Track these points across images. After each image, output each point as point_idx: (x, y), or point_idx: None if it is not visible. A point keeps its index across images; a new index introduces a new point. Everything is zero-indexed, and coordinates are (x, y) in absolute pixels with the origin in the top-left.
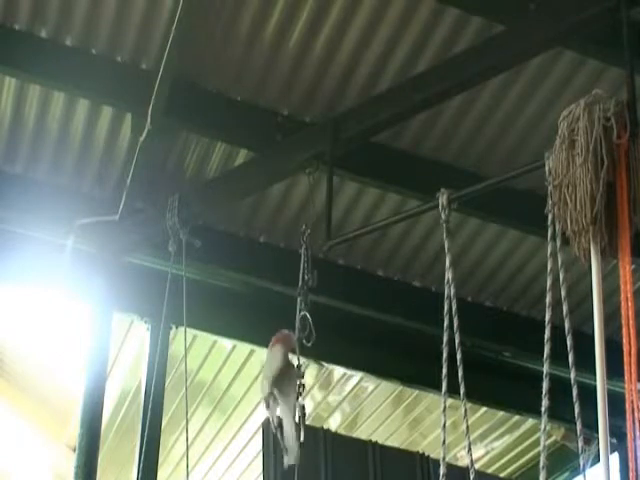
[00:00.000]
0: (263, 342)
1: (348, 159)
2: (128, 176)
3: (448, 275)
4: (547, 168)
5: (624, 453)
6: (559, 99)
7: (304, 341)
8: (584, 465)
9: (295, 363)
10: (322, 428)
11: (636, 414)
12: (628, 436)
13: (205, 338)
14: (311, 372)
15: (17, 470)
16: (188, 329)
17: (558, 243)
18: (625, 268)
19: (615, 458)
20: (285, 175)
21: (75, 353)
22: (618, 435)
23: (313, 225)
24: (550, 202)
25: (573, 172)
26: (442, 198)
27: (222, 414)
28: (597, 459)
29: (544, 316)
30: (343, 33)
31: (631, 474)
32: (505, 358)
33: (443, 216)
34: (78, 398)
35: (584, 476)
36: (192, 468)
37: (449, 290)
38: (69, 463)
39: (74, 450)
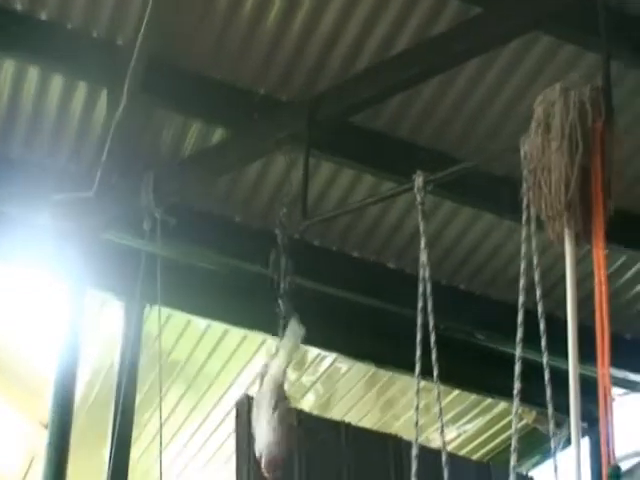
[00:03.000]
0: (237, 322)
1: (324, 139)
2: (103, 153)
3: (423, 257)
4: (522, 152)
5: (595, 437)
6: (535, 83)
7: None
8: (555, 448)
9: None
10: (295, 408)
11: (608, 398)
12: (600, 420)
13: (179, 317)
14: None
15: None
16: (162, 308)
17: (532, 227)
18: (599, 253)
19: (586, 442)
20: (261, 154)
21: (48, 330)
22: (589, 419)
23: (289, 205)
24: (525, 186)
25: (548, 156)
26: (418, 180)
27: (196, 393)
28: (568, 443)
29: (517, 300)
30: (321, 13)
31: (604, 458)
32: (478, 341)
33: (419, 198)
34: (51, 375)
35: (555, 459)
36: (165, 446)
37: (424, 272)
38: (42, 440)
39: (46, 427)
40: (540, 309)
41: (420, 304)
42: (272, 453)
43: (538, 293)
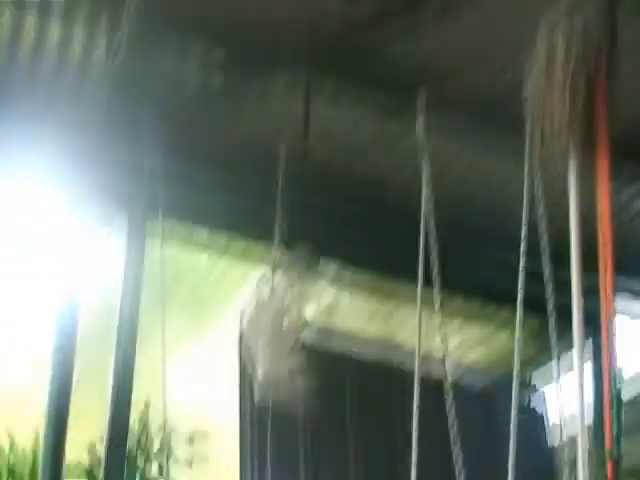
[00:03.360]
0: (239, 234)
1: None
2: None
3: (425, 172)
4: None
5: (597, 341)
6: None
7: None
8: (558, 354)
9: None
10: (298, 340)
11: (610, 309)
12: (603, 330)
13: (182, 228)
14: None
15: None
16: (164, 221)
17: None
18: (601, 167)
19: (589, 346)
20: (262, 76)
21: (50, 248)
22: (592, 327)
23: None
24: (528, 105)
25: (552, 79)
26: (420, 99)
27: (198, 305)
28: (570, 349)
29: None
30: None
31: (605, 366)
32: (481, 252)
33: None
34: (56, 287)
35: (557, 366)
36: (169, 356)
37: (426, 186)
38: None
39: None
40: (542, 226)
41: (423, 208)
42: (275, 372)
43: (540, 210)
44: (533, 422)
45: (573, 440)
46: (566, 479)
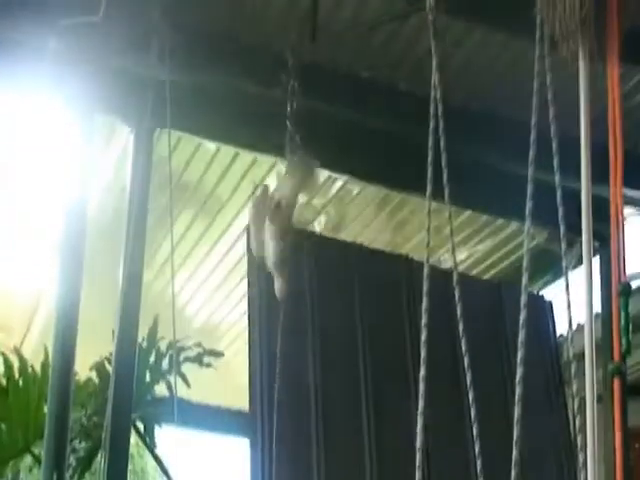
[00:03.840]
0: (247, 145)
1: None
2: None
3: (434, 78)
4: None
5: (606, 256)
6: None
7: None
8: (566, 267)
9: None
10: (307, 230)
11: (620, 217)
12: (612, 238)
13: (189, 141)
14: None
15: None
16: (172, 132)
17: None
18: (613, 70)
19: (597, 261)
20: None
21: (57, 160)
22: (601, 238)
23: (298, 26)
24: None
25: None
26: None
27: (207, 217)
28: (579, 262)
29: (530, 120)
30: None
31: (614, 276)
32: (490, 162)
33: (431, 17)
34: (61, 204)
35: (566, 278)
36: (177, 269)
37: (435, 93)
38: (53, 268)
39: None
40: (553, 129)
41: (432, 125)
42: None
43: (551, 113)
44: (542, 331)
45: (581, 354)
46: (573, 374)
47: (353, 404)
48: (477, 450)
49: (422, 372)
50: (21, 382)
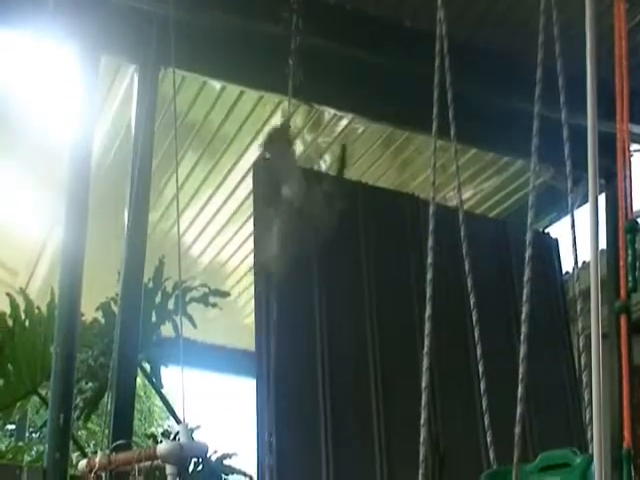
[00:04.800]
0: (252, 84)
1: None
2: None
3: (439, 14)
4: None
5: (612, 193)
6: None
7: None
8: (572, 205)
9: None
10: (312, 169)
11: (626, 153)
12: (618, 175)
13: (194, 80)
14: (301, 114)
15: (7, 208)
16: (177, 71)
17: None
18: (620, 5)
19: (603, 199)
20: None
21: (62, 99)
22: (607, 175)
23: None
24: None
25: None
26: None
27: (212, 156)
28: (585, 199)
29: (537, 56)
30: None
31: (620, 213)
32: (496, 100)
33: None
34: (67, 146)
35: (572, 215)
36: (183, 209)
37: (440, 29)
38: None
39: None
40: (559, 65)
41: (437, 62)
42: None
43: (557, 49)
44: (548, 268)
45: (587, 291)
46: (579, 312)
47: (358, 338)
48: (483, 388)
49: (428, 311)
50: (27, 323)
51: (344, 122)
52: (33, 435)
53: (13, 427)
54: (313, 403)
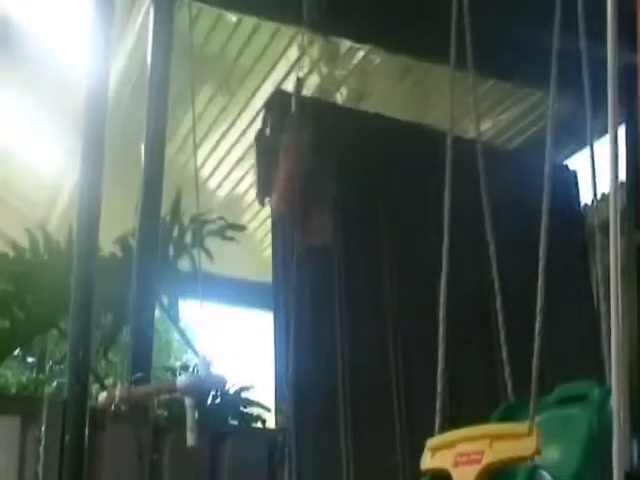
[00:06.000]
0: (268, 15)
1: None
2: None
3: None
4: None
5: (632, 125)
6: None
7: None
8: (591, 137)
9: None
10: (328, 102)
11: None
12: (638, 106)
13: (210, 12)
14: (317, 45)
15: (25, 145)
16: (192, 3)
17: None
18: None
19: (622, 130)
20: None
21: (78, 29)
22: (627, 107)
23: None
24: None
25: None
26: None
27: (228, 89)
28: (604, 131)
29: None
30: None
31: None
32: (514, 29)
33: None
34: (83, 80)
35: (591, 147)
36: (199, 143)
37: None
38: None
39: None
40: None
41: None
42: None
43: None
44: (566, 201)
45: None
46: (597, 244)
47: (374, 269)
48: (500, 321)
49: (445, 242)
50: (46, 257)
51: (360, 54)
52: (53, 368)
53: (33, 360)
54: (331, 336)
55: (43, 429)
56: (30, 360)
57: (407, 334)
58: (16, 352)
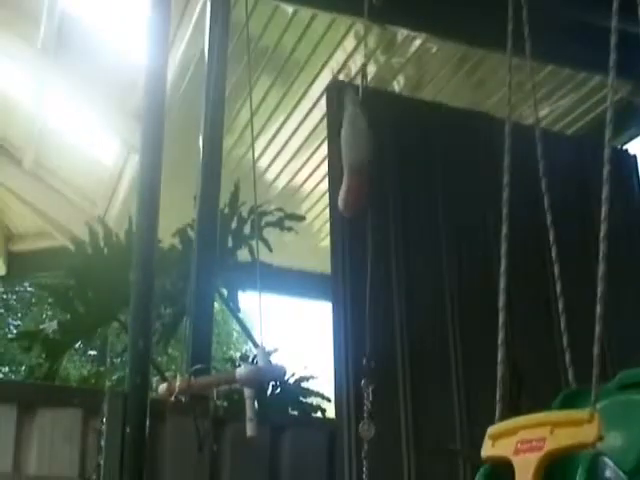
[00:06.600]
0: (325, 5)
1: None
2: None
3: None
4: None
5: None
6: None
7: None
8: None
9: None
10: (386, 90)
11: None
12: None
13: (266, 3)
14: (374, 34)
15: (84, 139)
16: None
17: None
18: None
19: None
20: None
21: (136, 24)
22: None
23: None
24: None
25: None
26: None
27: (285, 80)
28: None
29: None
30: None
31: None
32: (572, 13)
33: None
34: (141, 73)
35: None
36: (257, 134)
37: None
38: (136, 134)
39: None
40: None
41: None
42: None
43: None
44: (626, 185)
45: None
46: None
47: (434, 261)
48: (561, 307)
49: (504, 230)
50: (106, 251)
51: (417, 42)
52: (114, 361)
53: (94, 353)
54: (391, 325)
55: (104, 421)
56: (91, 353)
57: (467, 321)
58: (77, 345)
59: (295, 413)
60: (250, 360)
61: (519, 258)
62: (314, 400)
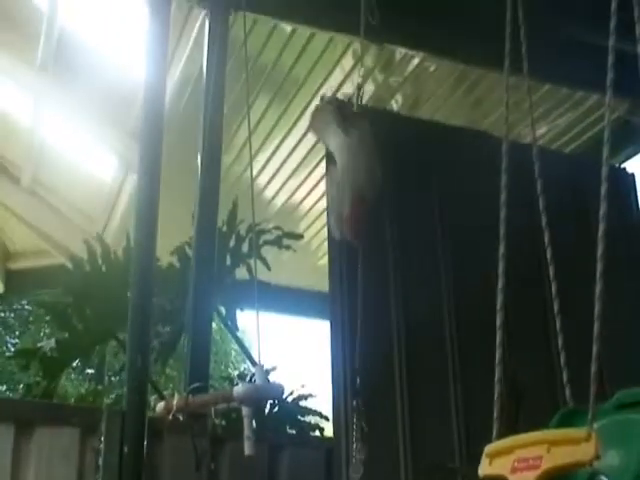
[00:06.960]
0: (323, 25)
1: None
2: None
3: None
4: None
5: None
6: None
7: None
8: None
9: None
10: (384, 109)
11: None
12: None
13: (264, 23)
14: (372, 53)
15: (82, 156)
16: (247, 14)
17: None
18: None
19: None
20: None
21: (135, 41)
22: None
23: None
24: None
25: None
26: None
27: (284, 99)
28: None
29: None
30: None
31: None
32: (568, 33)
33: None
34: (139, 90)
35: None
36: (255, 153)
37: None
38: (133, 152)
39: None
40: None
41: None
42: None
43: None
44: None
45: None
46: None
47: (432, 279)
48: (558, 326)
49: (501, 250)
50: (104, 268)
51: (415, 61)
52: (112, 379)
53: (92, 371)
54: (389, 343)
55: (102, 440)
56: (89, 371)
57: (465, 337)
58: (75, 363)
59: (293, 432)
60: (248, 378)
61: (517, 276)
62: (312, 419)
